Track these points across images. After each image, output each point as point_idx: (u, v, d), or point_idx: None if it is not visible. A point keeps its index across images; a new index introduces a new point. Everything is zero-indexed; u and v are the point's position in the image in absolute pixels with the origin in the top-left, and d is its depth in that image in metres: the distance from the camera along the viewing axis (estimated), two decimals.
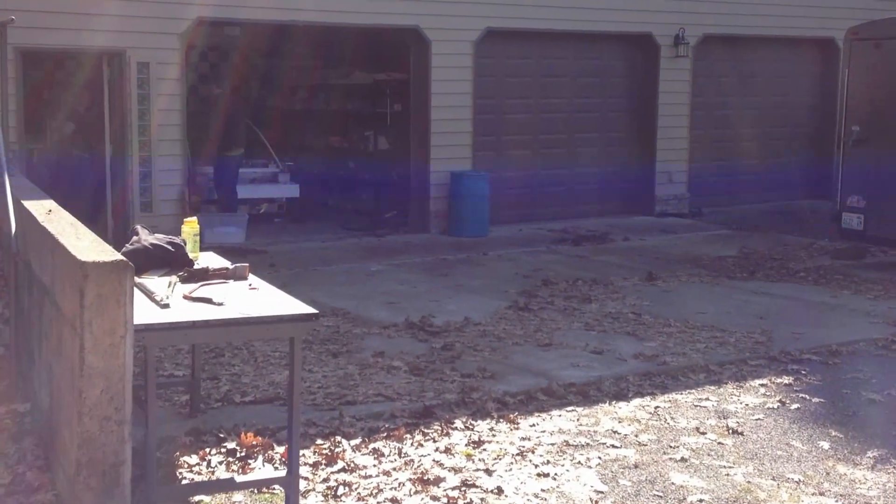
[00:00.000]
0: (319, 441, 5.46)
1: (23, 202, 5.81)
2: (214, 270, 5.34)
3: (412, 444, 5.50)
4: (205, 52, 14.86)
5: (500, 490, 4.95)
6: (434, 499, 4.82)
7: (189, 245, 5.79)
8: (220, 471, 5.03)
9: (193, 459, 5.12)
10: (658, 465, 5.35)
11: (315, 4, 12.13)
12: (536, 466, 5.26)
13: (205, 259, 5.80)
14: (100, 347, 4.07)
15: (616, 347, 7.59)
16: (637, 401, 6.40)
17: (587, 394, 6.47)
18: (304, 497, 4.77)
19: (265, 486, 4.79)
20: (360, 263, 10.85)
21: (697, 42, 15.04)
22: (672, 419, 6.08)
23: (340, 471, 5.09)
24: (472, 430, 5.75)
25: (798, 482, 5.19)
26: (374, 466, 5.18)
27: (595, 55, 14.68)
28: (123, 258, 4.18)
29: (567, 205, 14.29)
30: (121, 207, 11.25)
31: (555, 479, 5.12)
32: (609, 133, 14.88)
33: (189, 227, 5.87)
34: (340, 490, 4.87)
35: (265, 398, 6.15)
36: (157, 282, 5.12)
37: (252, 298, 4.90)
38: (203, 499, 4.70)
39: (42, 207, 5.59)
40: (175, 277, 5.21)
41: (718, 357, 7.40)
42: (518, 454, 5.43)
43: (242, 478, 4.80)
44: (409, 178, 13.37)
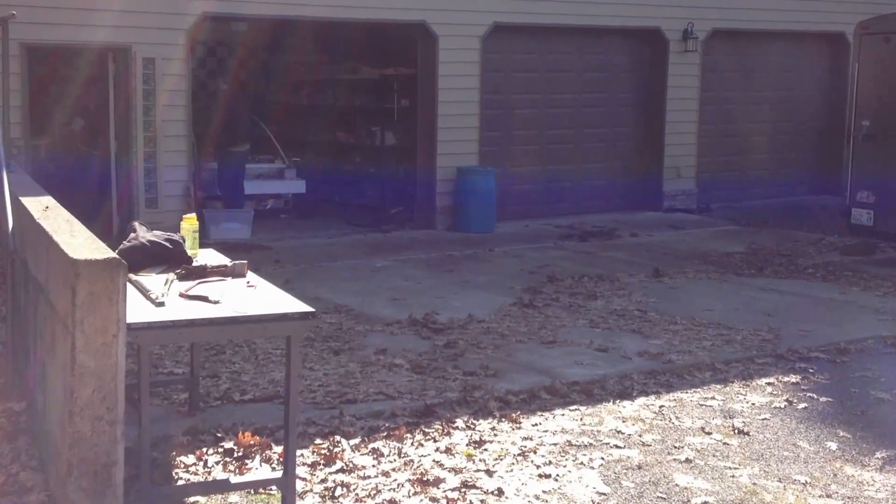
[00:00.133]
0: (318, 440, 5.39)
1: (21, 199, 5.75)
2: (212, 268, 5.27)
3: (412, 444, 5.43)
4: (210, 48, 14.81)
5: (501, 491, 4.88)
6: (433, 500, 4.74)
7: (188, 242, 5.73)
8: (217, 471, 4.97)
9: (190, 459, 5.06)
10: (662, 466, 5.27)
11: None
12: (538, 467, 5.19)
13: (204, 256, 5.74)
14: (91, 346, 4.01)
15: (621, 345, 7.51)
16: (641, 400, 6.32)
17: (591, 392, 6.39)
18: (302, 498, 4.70)
19: (262, 487, 4.73)
20: (366, 259, 10.79)
21: (706, 37, 14.92)
22: (677, 419, 6.00)
23: (339, 471, 5.02)
24: (474, 430, 5.68)
25: (805, 484, 5.10)
26: (374, 467, 5.11)
27: (603, 50, 14.57)
28: (116, 256, 4.12)
29: (574, 200, 14.21)
30: (125, 203, 11.21)
31: (556, 481, 5.04)
32: (616, 128, 14.79)
33: (188, 224, 5.81)
34: (338, 491, 4.80)
35: (265, 396, 6.08)
36: (154, 279, 5.06)
37: (249, 296, 4.83)
38: (198, 500, 4.63)
39: (39, 204, 5.53)
40: (172, 275, 5.16)
41: (725, 355, 7.31)
42: (520, 454, 5.35)
43: (238, 479, 4.74)
44: (416, 174, 13.30)
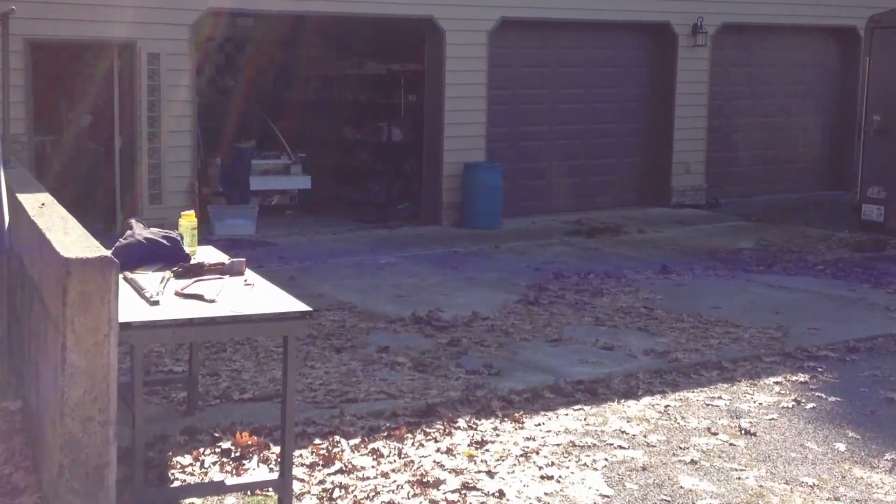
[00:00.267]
0: (318, 441, 5.31)
1: (17, 195, 5.70)
2: (210, 266, 5.20)
3: (413, 444, 5.35)
4: (216, 44, 14.73)
5: (502, 493, 4.80)
6: (432, 502, 4.66)
7: (186, 239, 5.66)
8: (214, 471, 4.90)
9: (186, 460, 4.99)
10: (667, 468, 5.18)
11: None
12: (540, 468, 5.10)
13: (202, 254, 5.67)
14: (83, 346, 3.94)
15: (627, 343, 7.41)
16: (647, 399, 6.23)
17: (595, 392, 6.30)
18: (299, 500, 4.63)
19: (258, 489, 4.65)
20: (370, 256, 10.71)
21: (716, 31, 14.78)
22: (682, 419, 5.90)
23: (337, 472, 4.95)
24: (476, 430, 5.60)
25: (812, 486, 5.00)
26: (373, 468, 5.03)
27: (611, 45, 14.45)
28: (108, 255, 4.06)
29: (581, 196, 14.10)
30: (129, 200, 11.15)
31: (559, 482, 4.96)
32: (625, 123, 14.66)
33: (186, 221, 5.74)
34: (336, 493, 4.73)
35: (265, 395, 6.01)
36: (150, 277, 5.00)
37: (246, 295, 4.76)
38: (193, 502, 4.56)
39: (35, 201, 5.47)
40: (169, 273, 5.09)
41: (732, 353, 7.21)
42: (522, 455, 5.27)
43: (234, 480, 4.67)
44: (422, 170, 13.21)
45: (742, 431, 5.71)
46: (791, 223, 13.27)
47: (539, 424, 5.72)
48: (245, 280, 5.07)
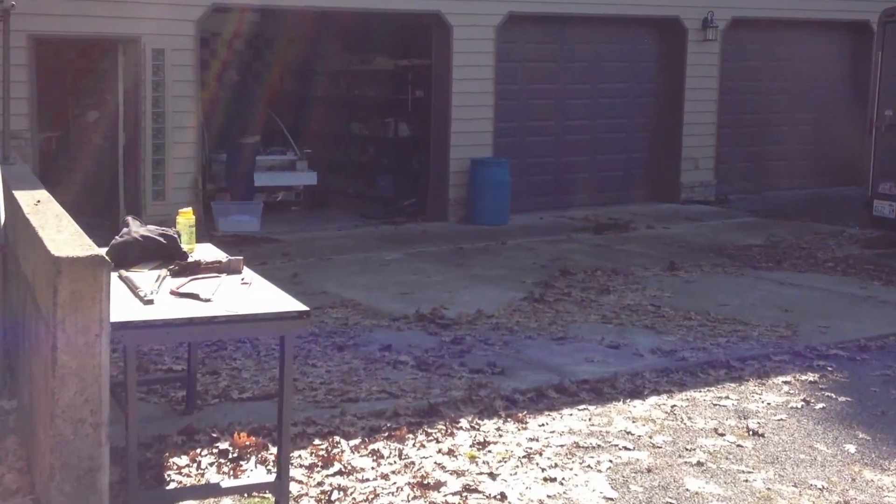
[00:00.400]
0: (317, 441, 5.23)
1: (14, 192, 5.62)
2: (207, 264, 5.12)
3: (414, 445, 5.26)
4: (221, 39, 14.65)
5: (504, 496, 4.71)
6: None
7: (184, 237, 5.59)
8: (211, 473, 4.82)
9: (183, 461, 4.91)
10: (672, 470, 5.08)
11: None
12: (543, 470, 5.01)
13: (201, 251, 5.59)
14: (73, 346, 3.86)
15: (633, 341, 7.31)
16: (653, 399, 6.13)
17: (601, 391, 6.20)
18: (297, 502, 4.55)
19: (255, 491, 4.57)
20: (376, 252, 10.62)
21: (726, 26, 14.63)
22: (689, 419, 5.80)
23: (336, 474, 4.87)
24: (478, 430, 5.51)
25: (821, 489, 4.90)
26: (373, 469, 4.95)
27: (620, 39, 14.31)
28: (99, 253, 3.97)
29: (590, 192, 13.98)
30: (133, 196, 11.08)
31: (562, 485, 4.87)
32: (634, 119, 14.53)
33: (184, 219, 5.66)
34: (335, 495, 4.65)
35: (265, 394, 5.93)
36: (146, 276, 4.92)
37: (243, 294, 4.68)
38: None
39: (31, 198, 5.40)
40: (165, 271, 5.01)
41: (740, 352, 7.11)
42: (525, 456, 5.17)
43: (229, 483, 4.58)
44: (429, 165, 13.12)
45: (750, 432, 5.60)
46: (801, 219, 13.13)
47: (543, 425, 5.62)
48: (242, 278, 4.99)
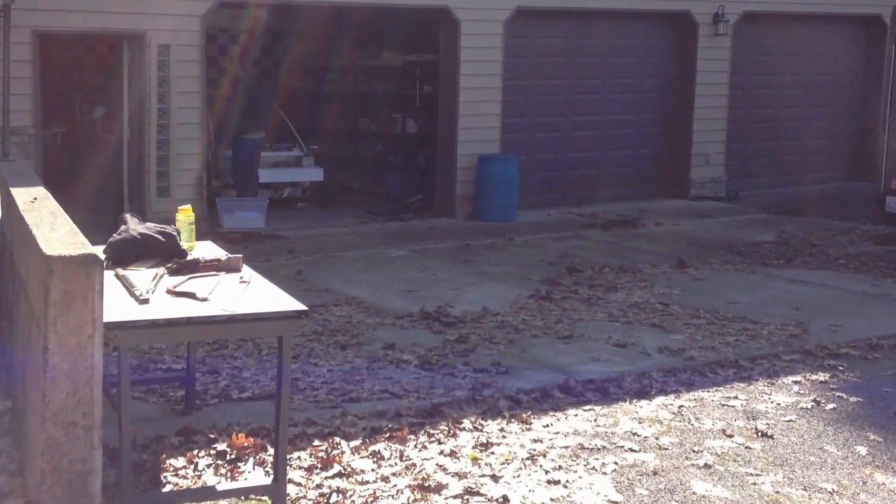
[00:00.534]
0: (317, 442, 5.15)
1: (11, 189, 5.55)
2: (205, 262, 5.04)
3: (415, 447, 5.17)
4: (227, 34, 14.58)
5: (506, 499, 4.61)
6: None
7: (184, 234, 5.51)
8: (208, 474, 4.74)
9: (180, 462, 4.83)
10: (679, 472, 4.98)
11: None
12: (547, 472, 4.91)
13: (201, 249, 5.50)
14: (65, 348, 3.78)
15: (640, 340, 7.20)
16: (660, 399, 6.02)
17: (607, 391, 6.10)
18: None
19: (252, 494, 4.49)
20: (381, 249, 10.52)
21: (737, 20, 14.49)
22: (697, 420, 5.69)
23: (336, 476, 4.78)
24: (481, 431, 5.41)
25: (832, 492, 4.79)
26: (373, 471, 4.86)
27: (630, 34, 14.18)
28: (92, 252, 3.89)
29: (598, 188, 13.86)
30: (138, 192, 11.01)
31: (566, 487, 4.77)
32: (643, 114, 14.40)
33: (184, 216, 5.58)
34: (334, 498, 4.56)
35: (265, 394, 5.83)
36: (143, 274, 4.84)
37: (241, 293, 4.59)
38: None
39: (28, 195, 5.31)
40: (162, 269, 4.93)
41: (750, 351, 7.00)
42: (528, 458, 5.08)
43: (225, 486, 4.50)
44: (436, 161, 13.02)
45: (758, 434, 5.49)
46: (812, 216, 12.98)
47: (547, 426, 5.53)
48: (241, 277, 4.90)
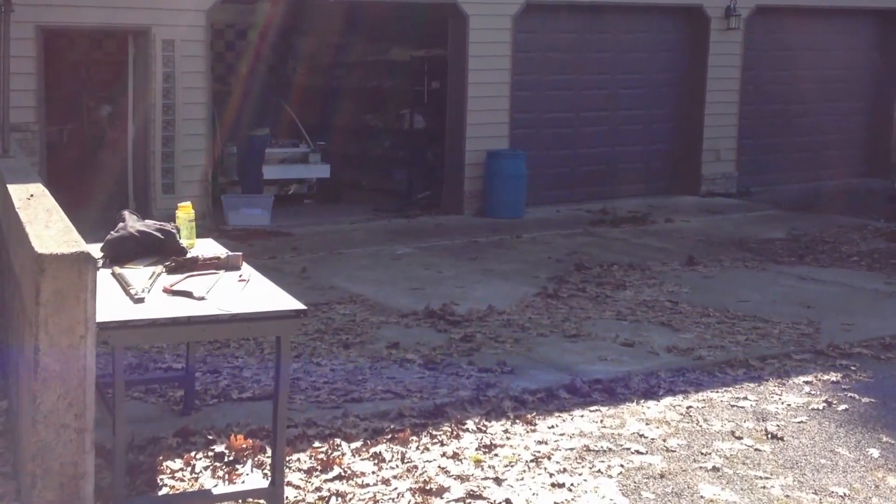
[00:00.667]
0: (317, 444, 5.06)
1: (8, 186, 5.47)
2: (205, 260, 4.95)
3: (417, 448, 5.08)
4: (234, 30, 14.51)
5: (509, 502, 4.52)
6: None
7: (184, 232, 5.43)
8: (206, 477, 4.65)
9: (177, 464, 4.74)
10: (686, 475, 4.87)
11: None
12: (551, 475, 4.81)
13: (201, 247, 5.42)
14: (56, 348, 3.69)
15: (649, 339, 7.09)
16: (668, 400, 5.91)
17: (613, 391, 5.99)
18: None
19: (249, 497, 4.40)
20: (387, 246, 10.42)
21: (749, 14, 14.32)
22: (705, 421, 5.58)
23: (335, 478, 4.69)
24: (485, 433, 5.31)
25: (843, 496, 4.68)
26: (374, 474, 4.76)
27: (640, 28, 14.03)
28: (85, 250, 3.80)
29: (608, 184, 13.72)
30: (143, 189, 10.94)
31: (570, 490, 4.67)
32: (654, 109, 14.24)
33: (184, 213, 5.50)
34: (333, 501, 4.47)
35: (266, 394, 5.73)
36: (140, 272, 4.75)
37: (239, 292, 4.50)
38: None
39: (25, 192, 5.23)
40: (160, 267, 4.85)
41: (760, 350, 6.88)
42: (532, 460, 4.98)
43: (222, 489, 4.41)
44: (444, 158, 12.91)
45: (768, 435, 5.38)
46: (824, 212, 12.82)
47: (552, 427, 5.42)
48: (240, 275, 4.81)
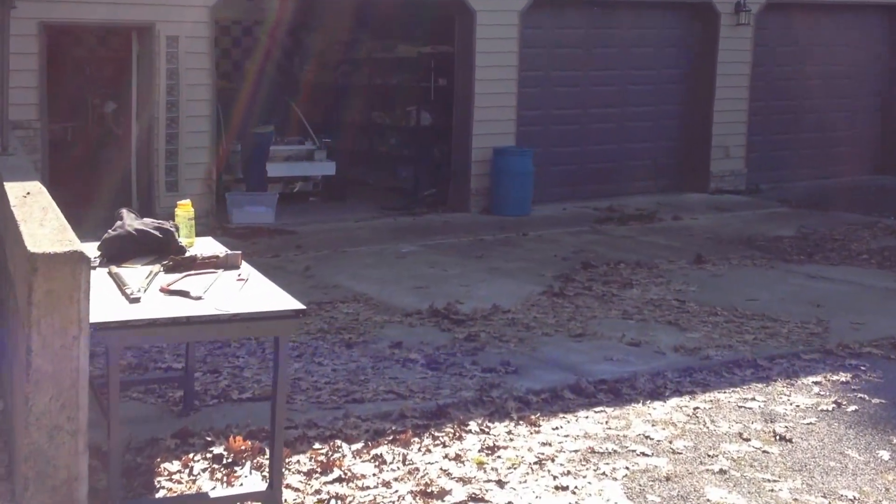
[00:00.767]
0: (317, 445, 4.99)
1: (5, 184, 5.41)
2: (203, 259, 4.89)
3: (419, 450, 5.00)
4: (239, 26, 14.44)
5: None
6: None
7: (183, 230, 5.37)
8: (204, 479, 4.58)
9: (175, 466, 4.68)
10: (693, 478, 4.78)
11: None
12: (555, 478, 4.73)
13: (200, 245, 5.35)
14: (49, 349, 3.63)
15: (655, 338, 6.99)
16: (674, 400, 5.82)
17: (619, 392, 5.91)
18: None
19: (247, 500, 4.33)
20: (392, 244, 10.33)
21: (759, 9, 14.20)
22: (712, 422, 5.49)
23: (335, 481, 4.61)
24: (488, 434, 5.23)
25: (853, 500, 4.59)
26: (374, 476, 4.69)
27: (649, 24, 13.91)
28: (78, 249, 3.73)
29: (615, 182, 13.62)
30: (146, 187, 10.88)
31: (574, 494, 4.59)
32: (662, 106, 14.13)
33: (183, 211, 5.44)
34: None
35: (266, 394, 5.65)
36: (137, 272, 4.69)
37: (237, 291, 4.44)
38: None
39: (22, 190, 5.17)
40: (158, 266, 4.78)
41: (768, 350, 6.78)
42: (536, 463, 4.90)
43: (219, 492, 4.33)
44: (450, 155, 12.82)
45: (776, 437, 5.29)
46: (834, 210, 12.70)
47: (556, 428, 5.34)
48: (239, 274, 4.74)
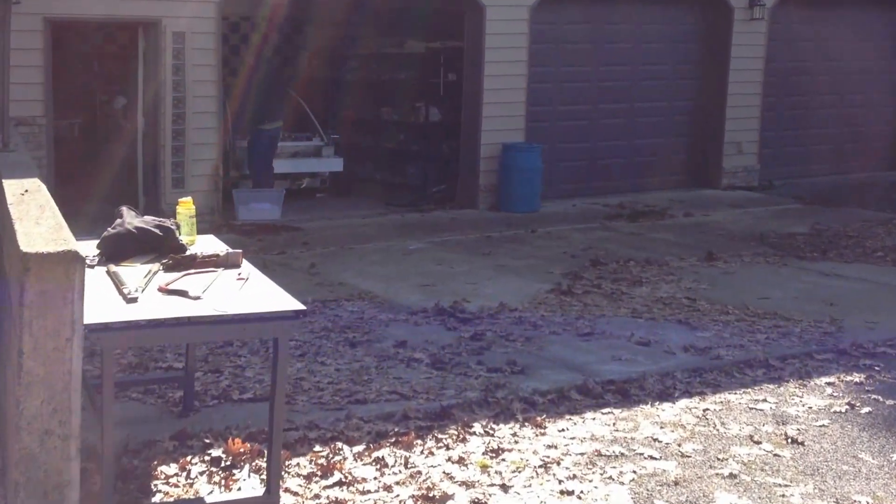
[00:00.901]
0: (318, 447, 4.90)
1: (3, 181, 5.32)
2: (203, 257, 4.81)
3: (422, 452, 4.91)
4: (248, 22, 14.35)
5: None
6: None
7: (184, 228, 5.29)
8: (201, 483, 4.50)
9: (172, 469, 4.59)
10: (702, 483, 4.68)
11: None
12: (560, 482, 4.63)
13: (201, 244, 5.27)
14: (41, 352, 3.54)
15: (665, 338, 6.88)
16: (684, 402, 5.71)
17: (627, 393, 5.80)
18: None
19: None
20: (399, 241, 10.23)
21: (774, 4, 14.03)
22: (722, 425, 5.38)
23: (335, 485, 4.53)
24: (492, 436, 5.14)
25: None
26: (375, 479, 4.60)
27: (661, 19, 13.77)
28: (73, 249, 3.64)
29: (626, 178, 13.48)
30: (152, 183, 10.81)
31: (580, 498, 4.49)
32: (674, 102, 13.98)
33: (184, 209, 5.36)
34: None
35: (267, 395, 5.55)
36: (135, 271, 4.62)
37: (237, 291, 4.35)
38: None
39: (20, 187, 5.09)
40: (157, 265, 4.71)
41: (780, 350, 6.66)
42: (541, 466, 4.80)
43: (216, 497, 4.25)
44: (459, 151, 12.72)
45: (788, 440, 5.18)
46: (849, 206, 12.55)
47: (563, 430, 5.24)
48: (239, 274, 4.66)
